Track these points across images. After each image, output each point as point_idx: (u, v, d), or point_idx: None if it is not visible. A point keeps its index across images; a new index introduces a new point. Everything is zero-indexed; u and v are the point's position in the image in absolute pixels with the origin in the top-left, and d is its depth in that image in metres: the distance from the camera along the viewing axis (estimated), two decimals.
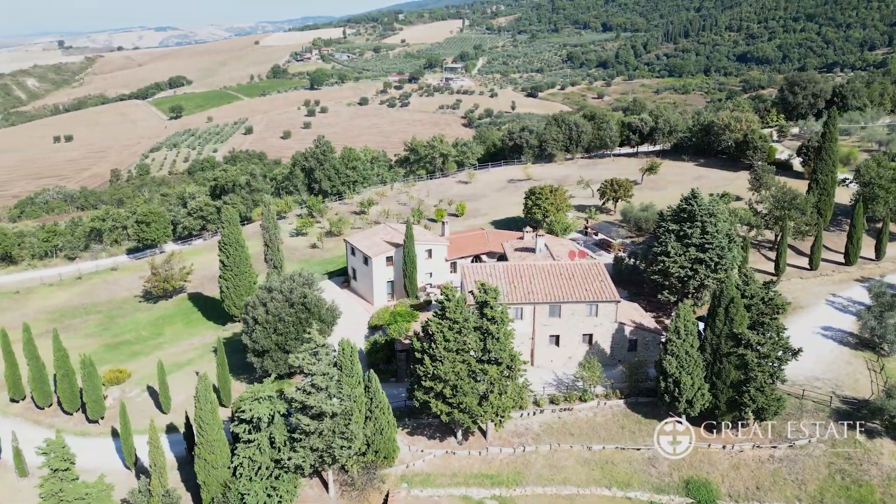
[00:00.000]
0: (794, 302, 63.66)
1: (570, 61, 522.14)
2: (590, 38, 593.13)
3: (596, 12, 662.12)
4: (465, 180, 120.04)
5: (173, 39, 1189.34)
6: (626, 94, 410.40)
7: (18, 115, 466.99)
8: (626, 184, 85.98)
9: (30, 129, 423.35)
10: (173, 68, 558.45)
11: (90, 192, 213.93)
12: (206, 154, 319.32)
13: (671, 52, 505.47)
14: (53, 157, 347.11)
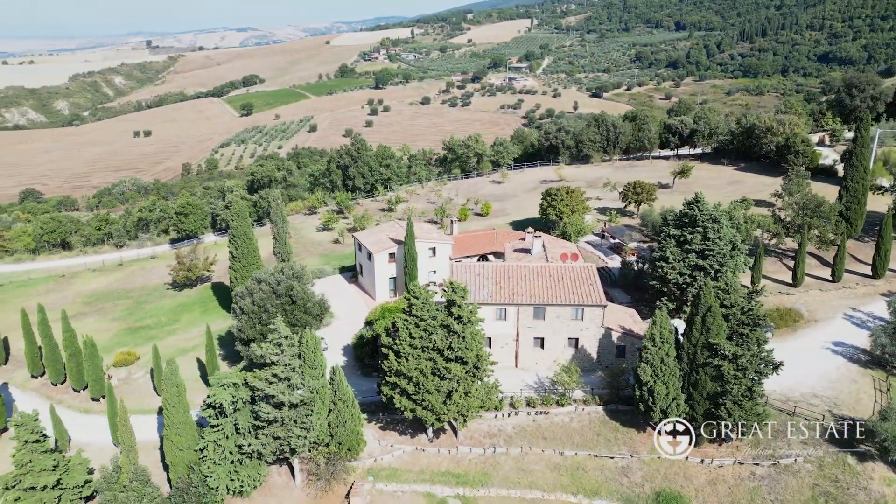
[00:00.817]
0: (809, 315, 60.77)
1: (638, 61, 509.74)
2: (661, 37, 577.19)
3: (669, 10, 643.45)
4: (498, 180, 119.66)
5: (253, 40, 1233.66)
6: (695, 94, 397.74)
7: (105, 110, 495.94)
8: (648, 187, 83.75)
9: (114, 123, 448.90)
10: (248, 67, 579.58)
11: (162, 185, 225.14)
12: (271, 150, 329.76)
13: (746, 51, 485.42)
14: (132, 150, 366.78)
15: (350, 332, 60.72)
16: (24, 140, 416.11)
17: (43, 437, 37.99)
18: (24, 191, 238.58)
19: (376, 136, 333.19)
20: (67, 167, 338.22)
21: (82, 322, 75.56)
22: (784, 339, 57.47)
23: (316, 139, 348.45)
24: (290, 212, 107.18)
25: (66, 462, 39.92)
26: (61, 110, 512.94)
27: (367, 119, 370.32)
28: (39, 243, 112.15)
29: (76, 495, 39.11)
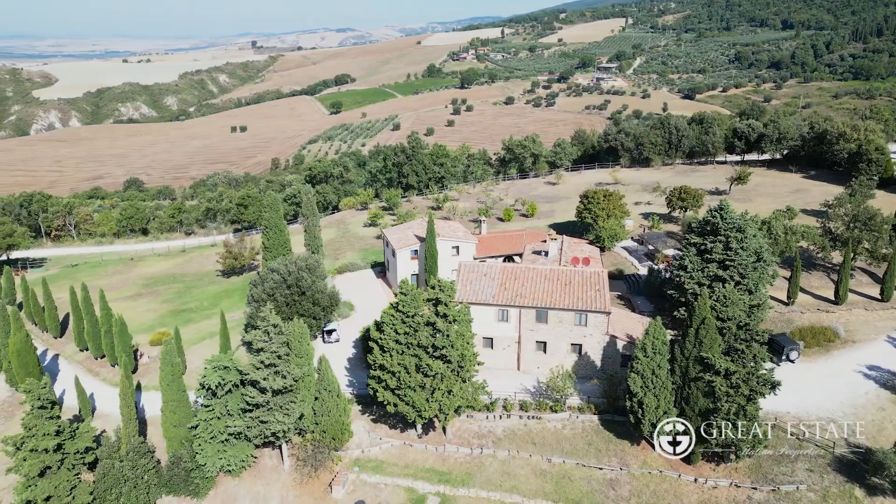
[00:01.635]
0: (846, 335, 56.59)
1: (737, 61, 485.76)
2: (765, 36, 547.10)
3: (776, 8, 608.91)
4: (553, 181, 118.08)
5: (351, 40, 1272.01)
6: (798, 97, 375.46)
7: (208, 106, 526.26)
8: (694, 192, 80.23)
9: (214, 119, 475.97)
10: (341, 67, 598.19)
11: (251, 178, 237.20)
12: (354, 147, 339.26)
13: (859, 52, 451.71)
14: (228, 145, 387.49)
15: (365, 325, 61.99)
16: (134, 133, 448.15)
17: (49, 405, 41.47)
18: (128, 180, 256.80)
19: (457, 135, 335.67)
20: (170, 159, 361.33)
21: (136, 302, 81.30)
22: (813, 360, 53.91)
23: (398, 137, 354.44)
24: (344, 207, 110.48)
25: (73, 429, 43.40)
26: (170, 106, 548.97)
27: (449, 118, 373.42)
28: (121, 228, 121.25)
29: (78, 461, 42.41)
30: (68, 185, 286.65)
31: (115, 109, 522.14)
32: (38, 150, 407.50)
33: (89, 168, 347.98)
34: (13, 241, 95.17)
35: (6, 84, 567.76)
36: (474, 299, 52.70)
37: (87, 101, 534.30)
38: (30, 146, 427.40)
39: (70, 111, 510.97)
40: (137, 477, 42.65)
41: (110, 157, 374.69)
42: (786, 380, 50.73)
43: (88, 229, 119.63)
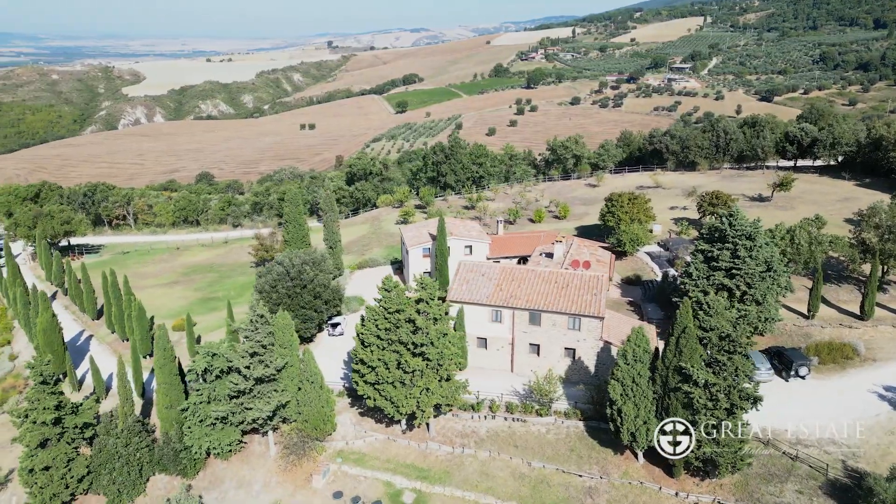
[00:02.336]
0: (867, 353, 53.29)
1: (822, 62, 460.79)
2: (854, 36, 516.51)
3: (868, 6, 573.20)
4: (593, 183, 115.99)
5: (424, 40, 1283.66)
6: (885, 101, 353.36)
7: (281, 104, 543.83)
8: (726, 198, 77.10)
9: (287, 117, 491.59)
10: (410, 66, 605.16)
11: (316, 174, 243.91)
12: (416, 146, 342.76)
13: None
14: (297, 142, 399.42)
15: None
16: (211, 129, 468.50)
17: (52, 380, 44.41)
18: (200, 173, 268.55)
19: (518, 135, 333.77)
20: (241, 154, 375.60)
21: (172, 289, 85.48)
22: (826, 377, 51.06)
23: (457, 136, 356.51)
24: (381, 205, 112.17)
25: (75, 406, 46.33)
26: (247, 103, 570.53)
27: (511, 118, 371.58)
28: (176, 219, 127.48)
29: (77, 435, 45.21)
30: (147, 177, 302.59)
31: (196, 106, 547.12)
32: (123, 144, 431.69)
33: (168, 161, 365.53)
34: (71, 227, 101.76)
35: (99, 81, 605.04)
36: (468, 299, 52.73)
37: (170, 98, 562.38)
38: (116, 140, 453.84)
39: (155, 107, 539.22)
40: (130, 454, 45.03)
41: (187, 152, 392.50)
42: (792, 396, 48.80)
43: (145, 219, 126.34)
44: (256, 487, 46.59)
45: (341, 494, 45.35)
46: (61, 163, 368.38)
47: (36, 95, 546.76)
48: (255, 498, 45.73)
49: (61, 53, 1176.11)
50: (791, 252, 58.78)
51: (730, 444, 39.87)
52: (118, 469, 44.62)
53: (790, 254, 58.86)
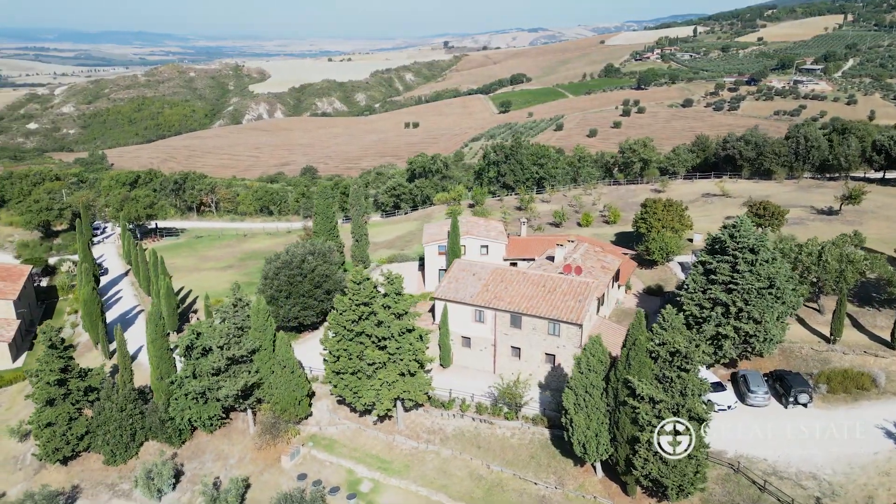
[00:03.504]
0: (888, 386, 48.29)
1: None
2: None
3: None
4: (658, 189, 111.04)
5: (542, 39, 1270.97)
6: None
7: (391, 103, 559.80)
8: (775, 209, 71.61)
9: (394, 115, 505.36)
10: (519, 66, 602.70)
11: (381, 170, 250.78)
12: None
13: None
14: (400, 139, 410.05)
15: None
16: (323, 126, 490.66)
17: (62, 344, 49.42)
18: (305, 167, 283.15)
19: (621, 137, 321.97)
20: (347, 151, 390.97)
21: (224, 273, 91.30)
22: (833, 407, 46.73)
23: (559, 138, 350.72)
24: (437, 202, 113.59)
25: (84, 371, 51.28)
26: (359, 101, 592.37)
27: (616, 119, 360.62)
28: (255, 208, 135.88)
29: (81, 397, 49.91)
30: (261, 168, 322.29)
31: (313, 103, 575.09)
32: (243, 138, 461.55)
33: (280, 155, 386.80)
34: (153, 211, 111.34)
35: (229, 79, 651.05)
36: (454, 297, 52.89)
37: (290, 95, 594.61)
38: (239, 133, 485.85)
39: (276, 104, 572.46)
40: (123, 419, 49.18)
41: (299, 147, 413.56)
42: (782, 423, 45.26)
43: (227, 207, 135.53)
44: (232, 461, 49.44)
45: (305, 476, 47.17)
46: (189, 153, 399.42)
47: (174, 91, 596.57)
48: (229, 471, 48.53)
49: (204, 53, 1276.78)
50: (817, 270, 53.93)
51: (678, 466, 37.65)
52: (112, 432, 48.90)
53: (816, 272, 54.02)
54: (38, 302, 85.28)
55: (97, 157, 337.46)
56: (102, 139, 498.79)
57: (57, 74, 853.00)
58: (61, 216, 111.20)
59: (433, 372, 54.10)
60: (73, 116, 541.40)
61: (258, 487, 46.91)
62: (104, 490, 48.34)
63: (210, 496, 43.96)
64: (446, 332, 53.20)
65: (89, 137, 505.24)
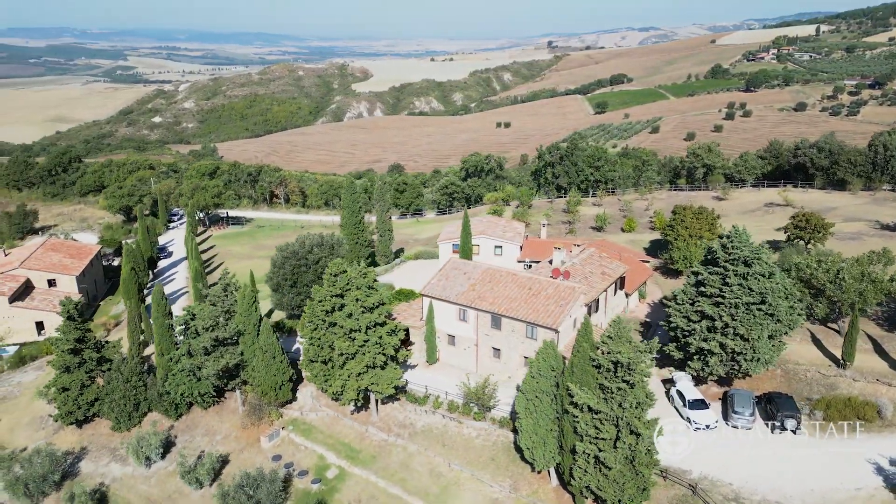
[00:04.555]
0: (895, 419, 43.69)
1: None
2: None
3: None
4: (720, 196, 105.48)
5: (652, 39, 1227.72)
6: None
7: (486, 103, 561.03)
8: (818, 221, 66.25)
9: (490, 115, 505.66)
10: (621, 66, 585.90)
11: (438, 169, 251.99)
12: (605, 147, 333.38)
13: None
14: (490, 139, 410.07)
15: None
16: (418, 124, 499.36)
17: (78, 317, 54.06)
18: (392, 165, 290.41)
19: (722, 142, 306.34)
20: (438, 149, 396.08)
21: None
22: (825, 435, 43.15)
23: (653, 140, 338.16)
24: (487, 201, 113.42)
25: (101, 342, 55.94)
26: (456, 101, 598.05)
27: (718, 123, 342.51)
28: (321, 202, 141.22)
29: (94, 367, 54.36)
30: (354, 165, 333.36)
31: (411, 103, 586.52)
32: (342, 135, 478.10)
33: (374, 152, 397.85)
34: (220, 200, 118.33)
35: (335, 78, 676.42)
36: (439, 295, 53.17)
37: (390, 94, 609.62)
38: (338, 131, 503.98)
39: (376, 102, 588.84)
40: (128, 390, 53.21)
41: (392, 144, 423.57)
42: (761, 448, 42.34)
43: (295, 199, 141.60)
44: (218, 438, 52.30)
45: (279, 458, 49.17)
46: (290, 148, 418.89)
47: (283, 89, 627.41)
48: (214, 447, 51.36)
49: (317, 53, 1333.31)
50: (832, 289, 49.66)
51: (617, 479, 36.23)
52: (117, 401, 53.01)
53: (832, 291, 49.77)
54: (105, 279, 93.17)
55: (209, 150, 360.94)
56: (216, 133, 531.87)
57: (185, 72, 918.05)
58: (141, 202, 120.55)
59: (419, 368, 54.92)
60: (193, 111, 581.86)
61: (236, 464, 49.35)
62: (106, 454, 52.55)
63: (186, 467, 46.86)
64: (431, 330, 53.58)
65: (205, 131, 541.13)
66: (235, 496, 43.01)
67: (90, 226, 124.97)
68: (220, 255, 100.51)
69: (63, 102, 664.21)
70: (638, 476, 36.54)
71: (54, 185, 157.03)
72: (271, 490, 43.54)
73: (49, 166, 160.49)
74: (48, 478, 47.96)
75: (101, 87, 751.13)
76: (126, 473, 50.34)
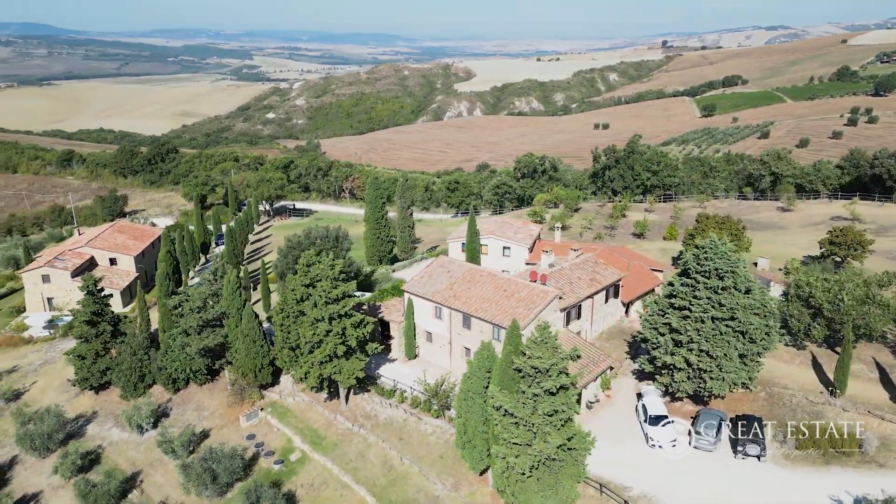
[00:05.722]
0: (878, 455, 40.24)
1: None
2: None
3: None
4: (784, 207, 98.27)
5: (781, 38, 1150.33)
6: None
7: (588, 104, 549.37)
8: (855, 237, 60.40)
9: (586, 116, 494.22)
10: (738, 67, 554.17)
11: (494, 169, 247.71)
12: (707, 153, 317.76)
13: None
14: (584, 140, 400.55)
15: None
16: (514, 125, 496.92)
17: (97, 292, 59.12)
18: (480, 164, 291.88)
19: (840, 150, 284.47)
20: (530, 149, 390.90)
21: None
22: (793, 465, 40.24)
23: (760, 146, 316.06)
24: (536, 203, 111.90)
25: (117, 316, 60.82)
26: (557, 101, 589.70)
27: (837, 129, 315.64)
28: None
29: (109, 338, 59.17)
30: (446, 164, 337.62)
31: (511, 102, 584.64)
32: (439, 134, 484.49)
33: (467, 152, 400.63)
34: (282, 192, 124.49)
35: (438, 77, 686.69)
36: (418, 292, 53.52)
37: (491, 94, 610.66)
38: (436, 130, 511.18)
39: (476, 102, 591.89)
40: (134, 362, 57.61)
41: (486, 144, 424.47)
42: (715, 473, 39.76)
43: (359, 195, 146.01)
44: (205, 413, 55.49)
45: (253, 437, 51.56)
46: (388, 146, 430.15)
47: (388, 88, 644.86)
48: (200, 421, 54.59)
49: (428, 53, 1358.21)
50: (829, 309, 45.38)
51: (533, 487, 35.31)
52: (124, 371, 57.54)
53: (829, 311, 45.50)
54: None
55: (312, 146, 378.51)
56: (323, 130, 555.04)
57: (302, 72, 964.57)
58: (214, 191, 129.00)
59: (398, 362, 55.65)
60: (303, 108, 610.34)
61: (215, 438, 52.21)
62: (111, 419, 57.14)
63: (164, 438, 50.20)
64: (410, 325, 54.08)
65: (313, 128, 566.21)
66: (195, 467, 45.65)
67: (171, 212, 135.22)
68: (272, 244, 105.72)
69: (191, 98, 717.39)
70: (559, 486, 35.42)
71: (153, 173, 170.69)
72: (230, 466, 45.81)
73: (149, 156, 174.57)
74: (53, 436, 52.87)
75: (225, 85, 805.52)
76: (122, 439, 54.53)
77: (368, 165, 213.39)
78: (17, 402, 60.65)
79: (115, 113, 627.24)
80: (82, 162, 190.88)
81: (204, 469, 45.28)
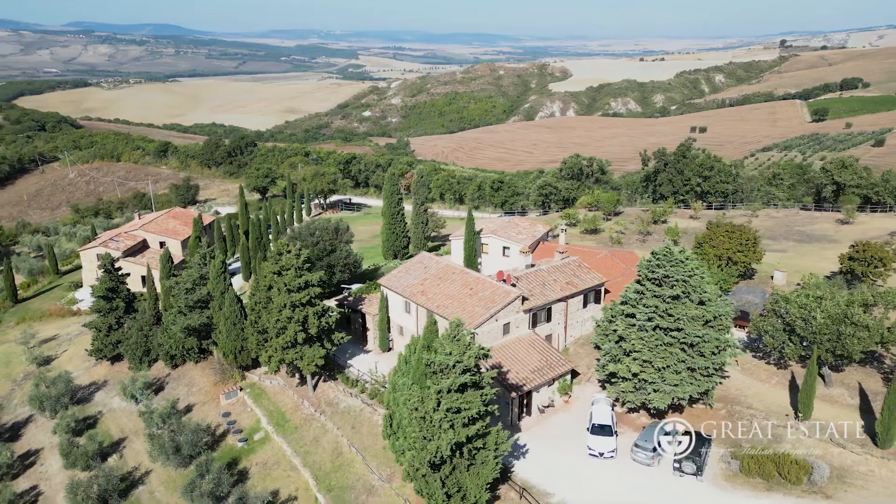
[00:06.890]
0: (829, 486, 37.24)
1: None
2: None
3: None
4: (843, 219, 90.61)
5: None
6: None
7: (689, 105, 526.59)
8: (876, 252, 54.96)
9: (685, 119, 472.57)
10: (860, 69, 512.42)
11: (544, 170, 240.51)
12: (810, 160, 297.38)
13: None
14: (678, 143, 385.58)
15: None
16: (606, 126, 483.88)
17: (114, 269, 63.86)
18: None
19: None
20: (618, 152, 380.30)
21: None
22: (732, 487, 37.78)
23: (876, 154, 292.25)
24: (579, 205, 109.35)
25: (133, 295, 65.47)
26: (656, 103, 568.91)
27: None
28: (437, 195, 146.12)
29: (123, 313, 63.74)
30: (530, 164, 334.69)
31: (606, 103, 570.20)
32: (527, 134, 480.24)
33: (553, 152, 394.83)
34: (335, 187, 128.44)
35: (533, 77, 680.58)
36: (392, 286, 54.16)
37: (586, 94, 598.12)
38: (524, 130, 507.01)
39: (570, 102, 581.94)
40: (140, 337, 61.87)
41: (573, 145, 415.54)
42: (643, 488, 37.97)
43: None
44: (194, 390, 58.71)
45: (228, 415, 54.09)
46: (475, 145, 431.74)
47: (482, 88, 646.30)
48: (187, 397, 57.85)
49: (530, 52, 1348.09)
50: (801, 327, 41.80)
51: (436, 488, 35.16)
52: (131, 345, 61.96)
53: (801, 328, 41.92)
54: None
55: (402, 143, 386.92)
56: (416, 128, 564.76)
57: (404, 71, 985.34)
58: (274, 183, 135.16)
59: (372, 353, 56.54)
60: (398, 107, 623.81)
61: (196, 414, 55.24)
62: (116, 389, 61.67)
63: (147, 409, 53.70)
64: (383, 318, 54.79)
65: (406, 126, 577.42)
66: (162, 438, 48.62)
67: (237, 201, 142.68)
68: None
69: (297, 96, 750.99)
70: (466, 488, 35.05)
71: (231, 164, 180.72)
72: (192, 439, 48.43)
73: (230, 148, 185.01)
74: (60, 399, 57.85)
75: (328, 84, 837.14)
76: (120, 407, 58.74)
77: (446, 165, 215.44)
78: (46, 367, 66.68)
79: (229, 109, 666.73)
80: (175, 153, 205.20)
81: (170, 440, 48.11)
